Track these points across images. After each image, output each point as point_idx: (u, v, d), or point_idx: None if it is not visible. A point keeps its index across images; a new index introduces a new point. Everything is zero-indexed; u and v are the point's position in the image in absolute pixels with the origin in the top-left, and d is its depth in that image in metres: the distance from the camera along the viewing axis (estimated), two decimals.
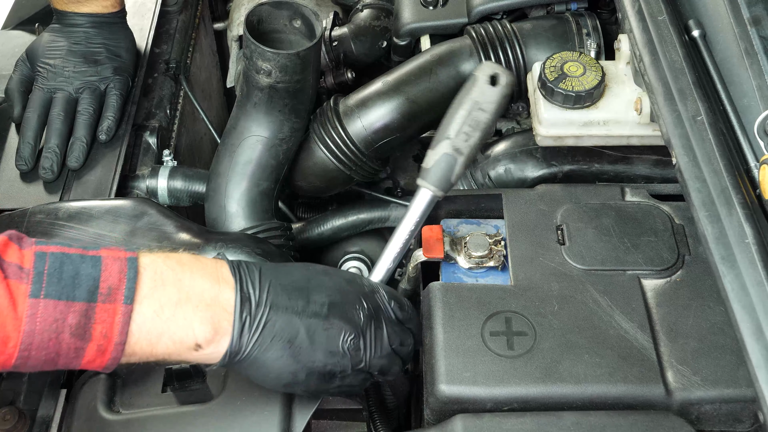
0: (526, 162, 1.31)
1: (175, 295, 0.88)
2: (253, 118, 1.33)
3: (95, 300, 0.85)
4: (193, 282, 0.90)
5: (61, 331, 0.83)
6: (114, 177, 1.39)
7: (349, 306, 0.95)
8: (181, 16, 1.75)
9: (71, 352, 0.85)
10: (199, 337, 0.89)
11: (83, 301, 0.84)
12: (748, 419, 0.98)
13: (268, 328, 0.91)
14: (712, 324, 1.02)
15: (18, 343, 0.82)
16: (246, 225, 1.34)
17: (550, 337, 1.01)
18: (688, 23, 1.10)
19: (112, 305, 0.85)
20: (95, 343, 0.85)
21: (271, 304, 0.92)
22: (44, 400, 1.08)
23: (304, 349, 0.92)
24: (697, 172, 0.94)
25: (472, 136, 1.02)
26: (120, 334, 0.86)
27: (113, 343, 0.86)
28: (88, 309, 0.85)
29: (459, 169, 1.02)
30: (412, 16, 1.52)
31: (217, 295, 0.90)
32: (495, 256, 1.11)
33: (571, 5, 1.47)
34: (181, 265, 0.91)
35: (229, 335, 0.90)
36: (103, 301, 0.85)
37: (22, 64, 1.49)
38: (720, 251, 0.87)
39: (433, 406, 0.99)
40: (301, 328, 0.92)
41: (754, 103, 1.01)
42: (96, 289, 0.85)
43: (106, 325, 0.85)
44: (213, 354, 0.91)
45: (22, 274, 0.83)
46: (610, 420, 0.94)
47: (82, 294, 0.84)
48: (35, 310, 0.82)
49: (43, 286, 0.83)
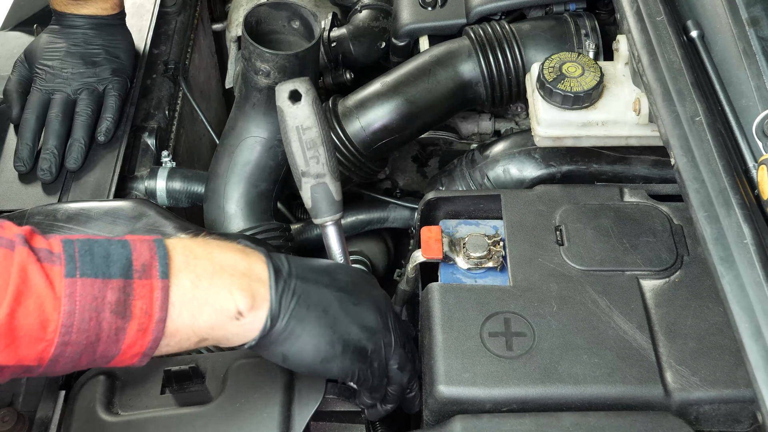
0: (524, 162, 1.31)
1: (209, 266, 0.87)
2: (252, 119, 1.33)
3: (131, 276, 0.82)
4: (224, 255, 0.89)
5: (101, 309, 0.81)
6: (113, 178, 1.39)
7: (370, 287, 0.99)
8: (180, 17, 1.75)
9: (112, 334, 0.82)
10: (240, 305, 0.87)
11: (120, 278, 0.82)
12: (747, 420, 0.98)
13: (303, 297, 0.91)
14: (710, 324, 1.02)
15: (59, 326, 0.79)
16: (245, 226, 1.34)
17: (549, 337, 1.01)
18: (686, 24, 1.10)
19: (149, 281, 0.83)
20: (136, 321, 0.82)
21: (302, 276, 0.92)
22: (43, 402, 1.07)
23: (340, 319, 0.93)
24: (696, 173, 0.94)
25: (319, 154, 1.04)
26: (161, 309, 0.83)
27: (154, 320, 0.83)
28: (126, 285, 0.82)
29: (333, 187, 1.05)
30: (411, 17, 1.52)
31: (250, 266, 0.90)
32: (494, 256, 1.11)
33: (570, 6, 1.47)
34: (208, 243, 0.90)
35: (267, 302, 0.89)
36: (139, 277, 0.83)
37: (21, 65, 1.49)
38: (719, 252, 0.87)
39: (432, 407, 0.99)
40: (334, 300, 0.93)
41: (753, 103, 1.01)
42: (130, 266, 0.83)
43: (145, 300, 0.83)
44: (253, 324, 0.89)
45: (53, 257, 0.80)
46: (608, 421, 0.94)
47: (117, 271, 0.82)
48: (73, 288, 0.79)
49: (77, 266, 0.81)
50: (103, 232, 1.21)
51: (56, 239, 0.83)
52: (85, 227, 1.22)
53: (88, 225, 1.22)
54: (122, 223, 1.23)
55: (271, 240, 1.32)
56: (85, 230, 1.22)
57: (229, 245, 0.92)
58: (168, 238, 0.89)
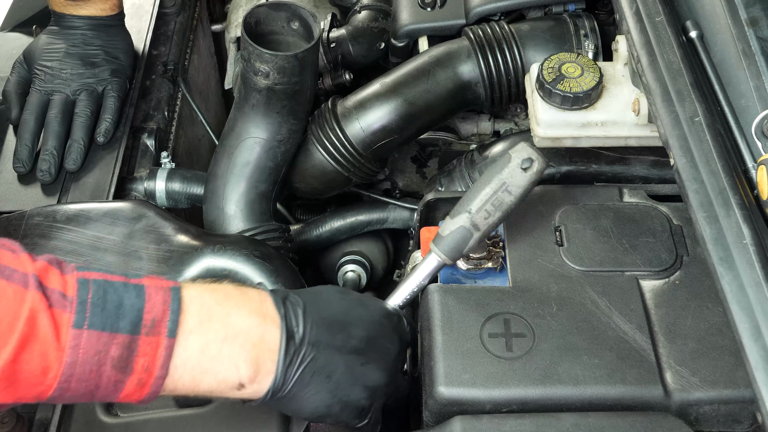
0: None
1: (222, 331, 0.86)
2: (251, 120, 1.33)
3: (139, 332, 0.82)
4: (240, 318, 0.88)
5: (103, 363, 0.80)
6: (112, 179, 1.39)
7: (386, 340, 0.96)
8: (179, 17, 1.75)
9: (110, 385, 0.82)
10: (243, 377, 0.87)
11: (127, 333, 0.81)
12: (747, 420, 0.98)
13: (310, 365, 0.90)
14: (710, 325, 1.02)
15: (59, 375, 0.79)
16: (244, 227, 1.34)
17: (549, 338, 1.01)
18: (685, 24, 1.10)
19: (156, 338, 0.83)
20: (136, 377, 0.83)
21: (314, 341, 0.90)
22: (42, 403, 1.07)
23: (342, 383, 0.92)
24: (695, 173, 0.94)
25: (493, 216, 1.04)
26: (161, 367, 0.83)
27: (154, 377, 0.83)
28: (132, 341, 0.82)
29: (472, 243, 1.04)
30: (410, 18, 1.52)
31: (263, 334, 0.88)
32: (493, 257, 1.11)
33: (569, 6, 1.47)
34: (227, 300, 0.89)
35: (272, 374, 0.88)
36: (146, 333, 0.82)
37: (20, 66, 1.49)
38: (718, 252, 0.87)
39: (432, 408, 0.99)
40: (341, 364, 0.92)
41: (752, 103, 1.01)
42: (140, 321, 0.82)
43: (148, 358, 0.82)
44: (254, 393, 0.89)
45: (65, 302, 0.79)
46: (608, 421, 0.94)
47: (126, 325, 0.81)
48: (78, 341, 0.79)
49: (86, 316, 0.80)
50: (103, 234, 1.21)
51: (73, 277, 0.81)
52: (85, 228, 1.22)
53: (87, 226, 1.22)
54: (121, 225, 1.23)
55: (271, 241, 1.32)
56: (85, 231, 1.22)
57: (249, 302, 0.90)
58: (187, 287, 0.87)
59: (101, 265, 1.17)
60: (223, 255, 1.19)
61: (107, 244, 1.20)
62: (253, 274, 1.18)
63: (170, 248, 1.20)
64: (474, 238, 1.04)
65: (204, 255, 1.19)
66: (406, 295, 1.06)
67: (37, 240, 1.21)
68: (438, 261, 1.05)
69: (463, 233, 1.03)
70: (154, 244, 1.20)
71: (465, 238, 1.04)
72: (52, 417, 1.06)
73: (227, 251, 1.19)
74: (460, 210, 1.04)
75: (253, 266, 1.18)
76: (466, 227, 1.03)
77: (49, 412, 1.06)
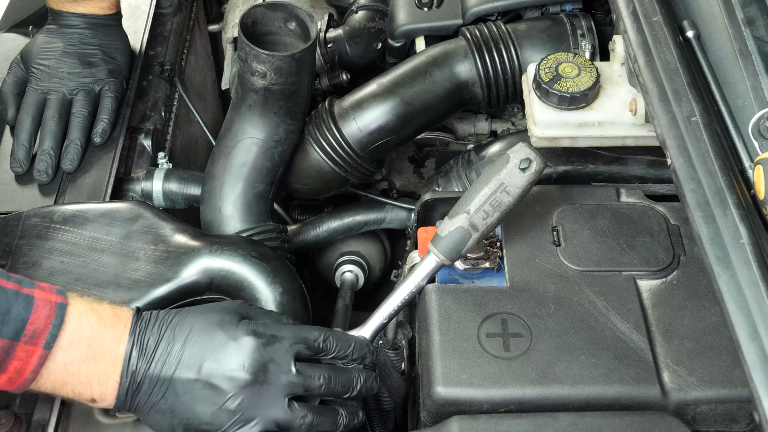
0: None
1: (85, 352, 0.94)
2: (248, 120, 1.33)
3: (18, 339, 0.90)
4: (103, 343, 0.95)
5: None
6: (109, 180, 1.39)
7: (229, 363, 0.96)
8: (176, 18, 1.74)
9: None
10: (95, 395, 0.96)
11: (7, 339, 0.89)
12: (744, 419, 0.98)
13: (146, 391, 0.95)
14: (707, 324, 1.02)
15: None
16: (241, 227, 1.34)
17: (546, 338, 1.01)
18: (682, 24, 1.10)
19: (33, 348, 0.91)
20: (7, 375, 0.91)
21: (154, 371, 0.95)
22: (40, 404, 1.07)
23: (179, 407, 0.95)
24: (692, 173, 0.94)
25: (491, 216, 1.04)
26: (32, 372, 0.92)
27: (24, 378, 0.92)
28: (10, 346, 0.90)
29: (471, 243, 1.04)
30: (407, 18, 1.52)
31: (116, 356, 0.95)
32: (491, 257, 1.11)
33: (566, 6, 1.47)
34: (100, 322, 0.96)
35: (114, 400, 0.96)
36: (25, 342, 0.91)
37: (16, 66, 1.49)
38: (715, 252, 0.87)
39: (430, 408, 0.99)
40: (178, 388, 0.95)
41: (749, 103, 1.01)
42: (22, 330, 0.90)
43: (21, 362, 0.91)
44: (107, 406, 0.97)
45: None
46: (606, 421, 0.94)
47: (8, 332, 0.89)
48: None
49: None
50: (100, 234, 1.21)
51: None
52: (82, 229, 1.22)
53: (84, 227, 1.22)
54: (119, 225, 1.23)
55: (268, 241, 1.32)
56: (82, 232, 1.22)
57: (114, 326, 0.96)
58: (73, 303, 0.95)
59: (98, 266, 1.18)
60: (220, 255, 1.18)
61: (104, 244, 1.20)
62: (251, 274, 1.18)
63: (167, 249, 1.19)
64: (473, 238, 1.04)
65: (201, 255, 1.19)
66: (405, 296, 1.06)
67: (35, 241, 1.21)
68: (437, 261, 1.06)
69: (462, 234, 1.04)
70: (151, 244, 1.20)
71: (464, 239, 1.04)
72: (49, 418, 1.06)
73: (224, 252, 1.19)
74: (459, 210, 1.05)
75: (251, 267, 1.18)
76: (464, 228, 1.04)
77: (47, 413, 1.06)
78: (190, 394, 0.95)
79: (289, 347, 0.98)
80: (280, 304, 1.17)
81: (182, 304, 1.15)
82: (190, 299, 1.17)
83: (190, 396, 0.95)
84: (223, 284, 1.18)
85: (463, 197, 1.06)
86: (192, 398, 0.95)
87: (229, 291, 1.18)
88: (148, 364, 0.95)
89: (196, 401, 0.95)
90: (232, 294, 1.18)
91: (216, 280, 1.18)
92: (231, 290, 1.18)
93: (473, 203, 1.04)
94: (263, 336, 0.98)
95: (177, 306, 1.10)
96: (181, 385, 0.95)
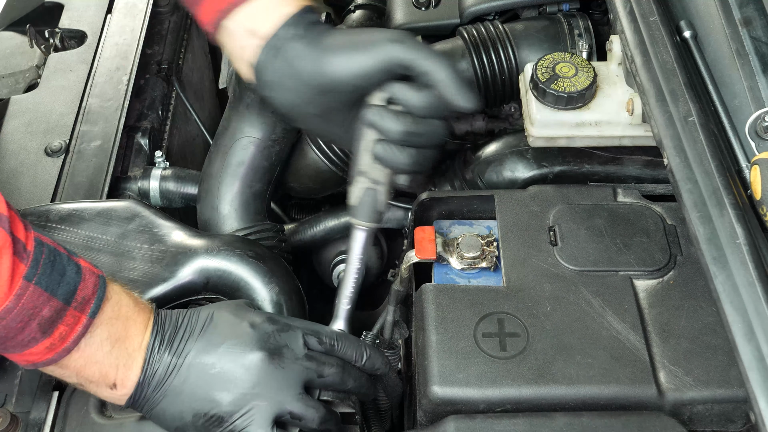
0: (517, 163, 1.31)
1: (120, 331, 0.94)
2: (246, 119, 1.33)
3: (70, 304, 0.90)
4: (134, 326, 0.96)
5: (33, 318, 0.87)
6: (105, 178, 1.38)
7: (245, 347, 0.97)
8: (173, 17, 1.74)
9: (25, 340, 0.88)
10: (118, 379, 0.95)
11: (62, 301, 0.89)
12: (740, 419, 0.98)
13: (161, 378, 0.96)
14: (703, 324, 1.02)
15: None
16: (238, 226, 1.34)
17: (543, 338, 1.01)
18: (679, 24, 1.10)
19: (80, 315, 0.91)
20: (50, 341, 0.90)
21: (173, 356, 0.96)
22: (36, 403, 1.07)
23: (195, 392, 0.95)
24: (689, 173, 0.94)
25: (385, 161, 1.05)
26: (74, 341, 0.91)
27: (63, 347, 0.91)
28: (62, 309, 0.89)
29: (382, 197, 1.07)
30: (404, 17, 1.52)
31: (142, 340, 0.96)
32: (487, 257, 1.11)
33: (563, 6, 1.47)
34: (135, 305, 0.97)
35: (135, 383, 0.96)
36: (75, 307, 0.90)
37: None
38: (711, 252, 0.87)
39: (426, 408, 0.99)
40: (195, 372, 0.96)
41: (745, 103, 1.01)
42: (74, 294, 0.90)
43: (68, 329, 0.90)
44: (120, 399, 0.97)
45: (24, 254, 0.87)
46: (602, 421, 0.94)
47: (63, 293, 0.89)
48: (24, 291, 0.86)
49: (37, 273, 0.87)
50: (96, 233, 1.21)
51: (31, 235, 0.89)
52: (78, 228, 1.22)
53: (80, 226, 1.22)
54: (115, 224, 1.22)
55: (265, 240, 1.32)
56: (78, 231, 1.21)
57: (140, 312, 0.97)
58: (110, 281, 0.96)
59: None
60: (216, 255, 1.18)
61: (100, 244, 1.20)
62: (247, 274, 1.18)
63: (164, 248, 1.19)
64: (381, 192, 1.06)
65: (198, 255, 1.18)
66: (354, 277, 1.09)
67: None
68: (363, 231, 1.08)
69: (369, 193, 1.06)
70: (147, 244, 1.20)
71: (373, 197, 1.06)
72: (45, 417, 1.05)
73: (221, 251, 1.19)
74: (354, 175, 1.07)
75: (247, 267, 1.18)
76: (369, 187, 1.06)
77: (43, 412, 1.06)
78: (206, 379, 0.95)
79: (302, 336, 1.00)
80: (276, 303, 1.17)
81: (178, 304, 1.15)
82: (186, 299, 1.17)
83: (206, 380, 0.95)
84: (220, 284, 1.18)
85: (354, 159, 1.08)
86: (208, 382, 0.95)
87: (226, 291, 1.18)
88: (167, 350, 0.96)
89: (212, 386, 0.95)
90: (228, 294, 1.18)
91: (212, 280, 1.17)
92: (227, 290, 1.18)
93: (361, 161, 1.06)
94: (278, 323, 1.00)
95: (173, 306, 1.10)
96: (198, 369, 0.96)
